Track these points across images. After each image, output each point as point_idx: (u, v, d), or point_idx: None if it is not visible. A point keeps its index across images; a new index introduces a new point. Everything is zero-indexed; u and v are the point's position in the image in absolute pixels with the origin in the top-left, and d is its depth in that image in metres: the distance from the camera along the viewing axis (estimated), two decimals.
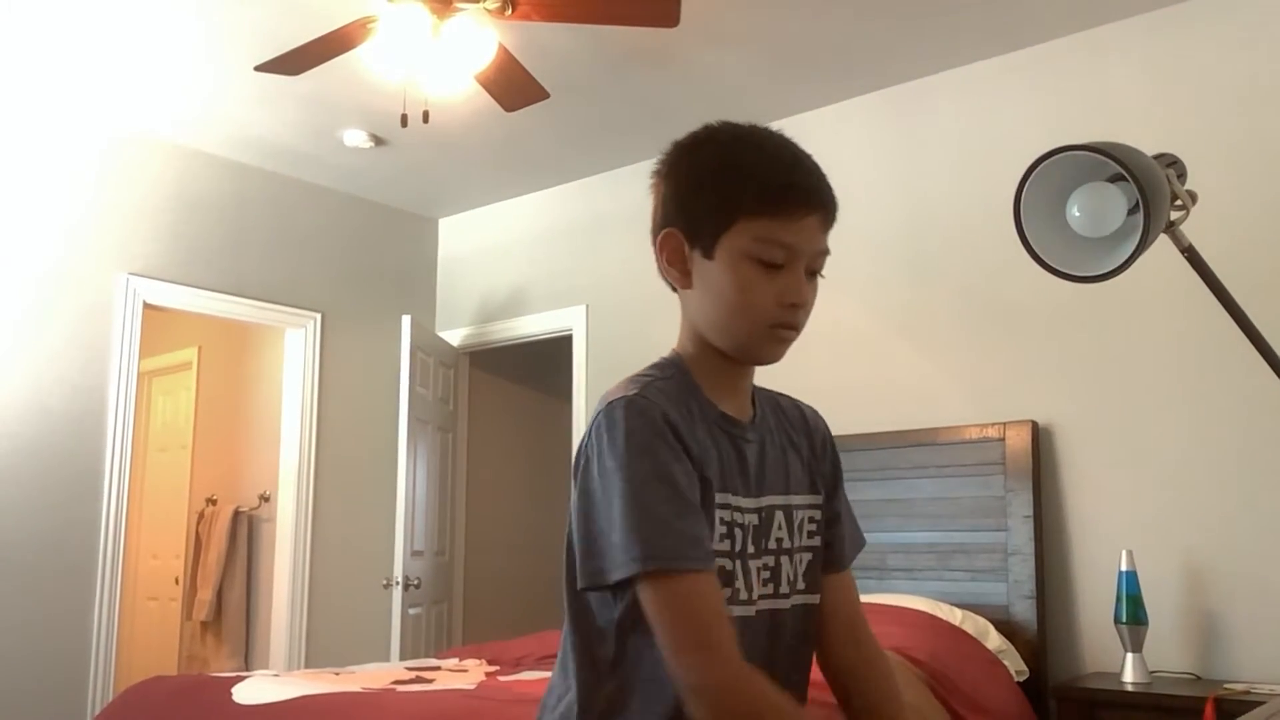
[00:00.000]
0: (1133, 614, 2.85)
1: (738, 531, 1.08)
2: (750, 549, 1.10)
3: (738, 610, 1.07)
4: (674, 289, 1.16)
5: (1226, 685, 2.72)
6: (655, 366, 1.14)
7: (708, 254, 1.08)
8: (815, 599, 1.18)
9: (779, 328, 1.08)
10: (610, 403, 1.04)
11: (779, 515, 1.14)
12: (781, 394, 1.26)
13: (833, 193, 1.10)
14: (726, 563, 1.06)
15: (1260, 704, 1.50)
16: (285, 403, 4.76)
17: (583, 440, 1.06)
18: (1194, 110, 3.15)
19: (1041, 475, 3.26)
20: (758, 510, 1.12)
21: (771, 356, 1.11)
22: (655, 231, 1.15)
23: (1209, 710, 2.49)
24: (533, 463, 5.69)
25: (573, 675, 1.08)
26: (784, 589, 1.13)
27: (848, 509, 1.26)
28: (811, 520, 1.18)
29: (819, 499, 1.20)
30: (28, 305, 3.87)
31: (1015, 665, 2.97)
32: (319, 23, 3.18)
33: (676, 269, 1.12)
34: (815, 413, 1.28)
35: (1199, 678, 2.89)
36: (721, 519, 1.06)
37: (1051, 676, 3.13)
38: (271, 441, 4.89)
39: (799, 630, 1.16)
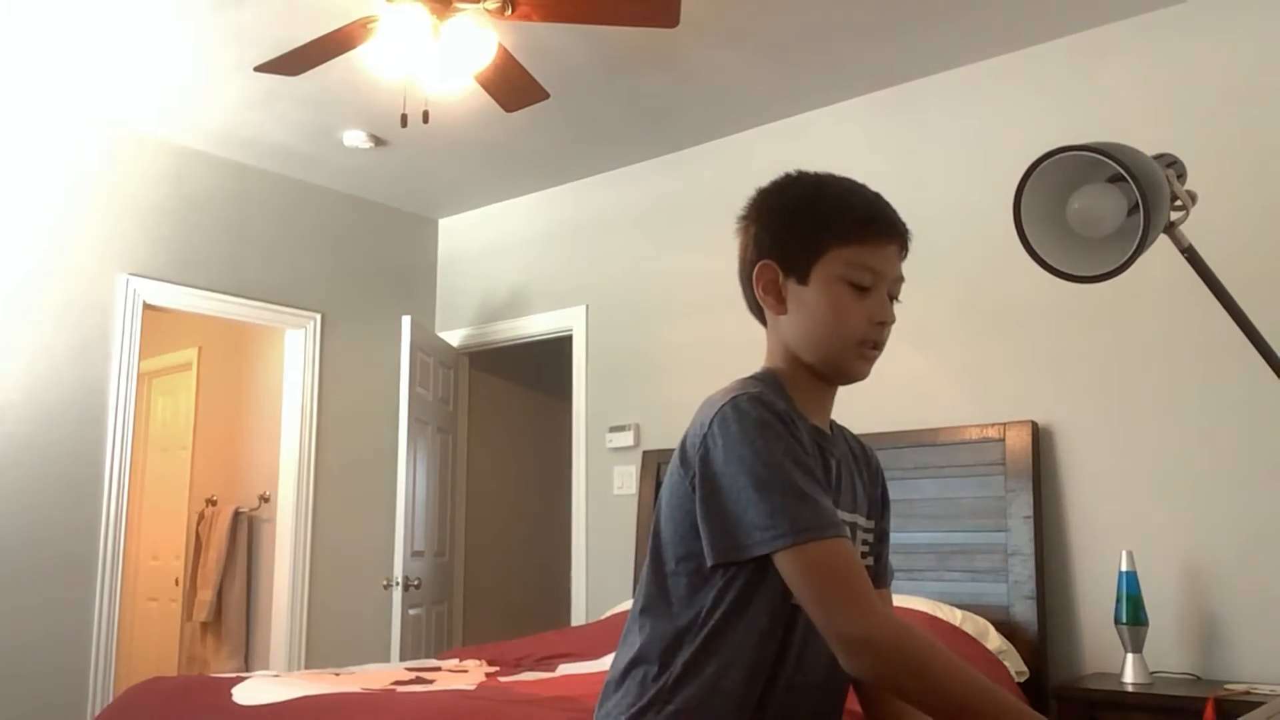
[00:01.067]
0: (1133, 614, 2.85)
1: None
2: None
3: None
4: (761, 320, 1.28)
5: (1227, 686, 2.72)
6: (755, 377, 1.24)
7: (802, 280, 1.21)
8: None
9: (866, 345, 1.20)
10: (734, 397, 1.13)
11: (846, 530, 1.20)
12: (843, 425, 1.37)
13: (906, 225, 1.24)
14: None
15: (1260, 704, 1.50)
16: (285, 403, 4.76)
17: (698, 432, 1.15)
18: (1194, 110, 3.15)
19: (1041, 475, 3.26)
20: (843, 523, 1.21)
21: (860, 373, 1.23)
22: (747, 268, 1.27)
23: (1209, 711, 2.49)
24: (533, 463, 5.69)
25: (649, 642, 1.17)
26: None
27: (887, 537, 1.37)
28: (866, 542, 1.29)
29: (872, 522, 1.32)
30: (28, 305, 3.87)
31: (1015, 666, 2.97)
32: (319, 23, 3.18)
33: (772, 297, 1.24)
34: (869, 445, 1.39)
35: (1199, 678, 2.89)
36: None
37: (1052, 677, 3.13)
38: (271, 442, 4.89)
39: None
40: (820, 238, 1.20)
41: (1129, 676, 2.81)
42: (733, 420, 1.11)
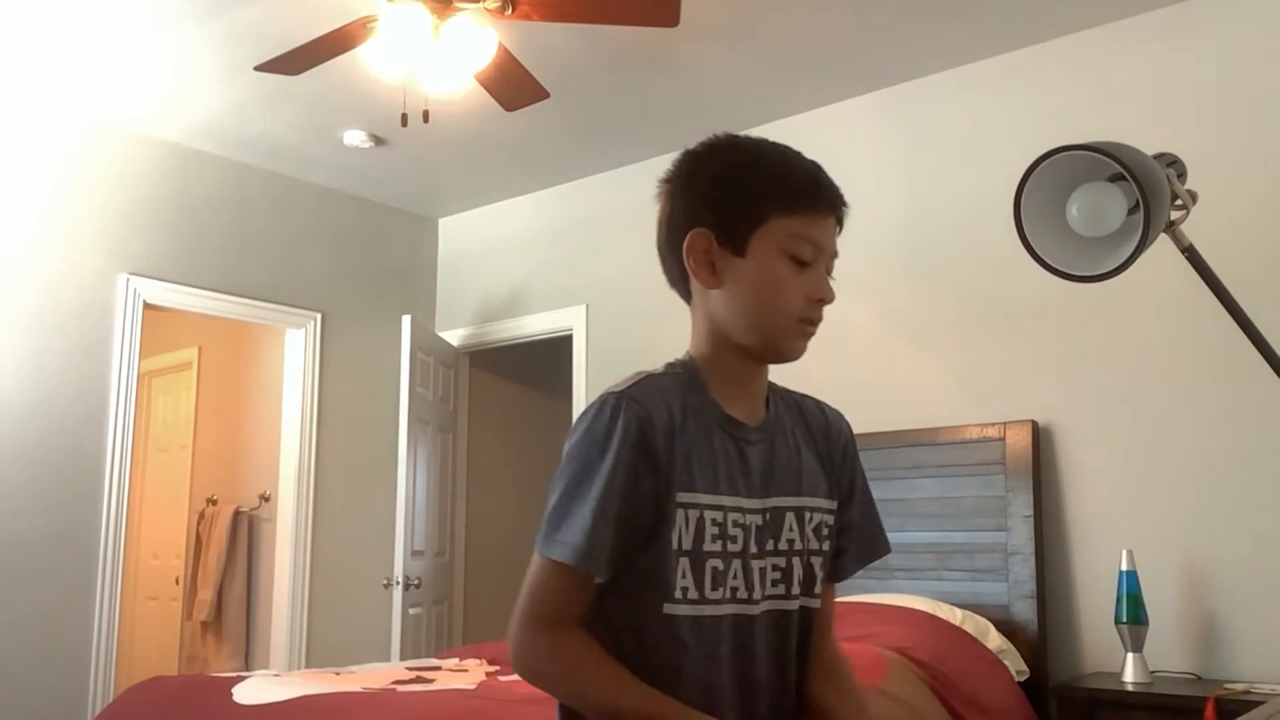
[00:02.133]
0: (1133, 614, 2.85)
1: (737, 531, 1.10)
2: (754, 549, 1.12)
3: (735, 609, 1.11)
4: (685, 297, 1.20)
5: (1227, 685, 2.72)
6: (666, 365, 1.17)
7: (739, 252, 1.12)
8: (817, 603, 1.20)
9: (805, 323, 1.13)
10: (607, 394, 1.09)
11: (789, 516, 1.16)
12: (807, 396, 1.27)
13: (844, 197, 1.17)
14: (718, 562, 1.09)
15: (1260, 704, 1.50)
16: (285, 403, 4.76)
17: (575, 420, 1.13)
18: (1194, 110, 3.15)
19: (1042, 475, 3.26)
20: (763, 511, 1.14)
21: (796, 352, 1.15)
22: (673, 236, 1.17)
23: (1209, 710, 2.49)
24: (533, 463, 5.69)
25: None
26: (794, 590, 1.16)
27: (866, 515, 1.27)
28: (826, 524, 1.20)
29: (835, 504, 1.22)
30: (28, 305, 3.87)
31: (1015, 665, 2.97)
32: (319, 22, 3.18)
33: (704, 269, 1.14)
34: (839, 416, 1.29)
35: (1199, 678, 2.89)
36: (714, 519, 1.09)
37: (1052, 676, 3.13)
38: (272, 441, 4.89)
39: (804, 632, 1.18)
40: (761, 206, 1.11)
41: (1129, 676, 2.81)
42: (592, 419, 1.08)
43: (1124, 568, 2.90)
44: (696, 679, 1.08)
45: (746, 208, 1.12)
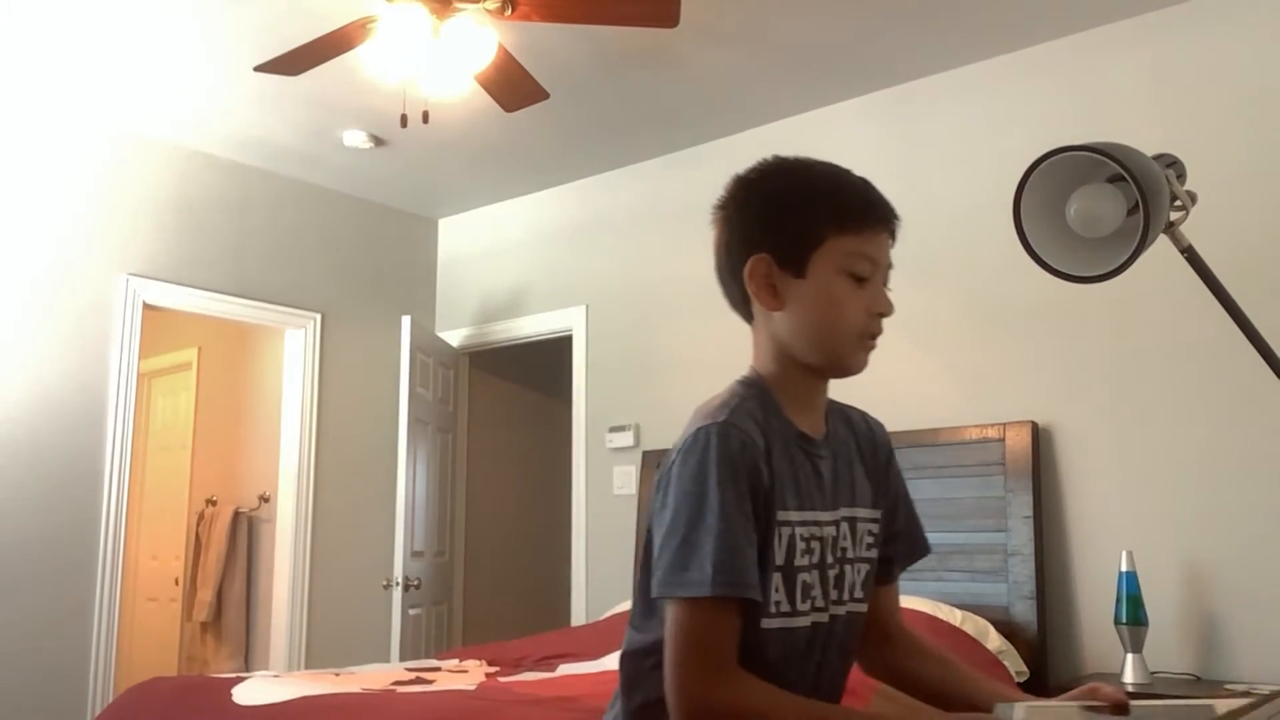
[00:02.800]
0: (1133, 614, 2.85)
1: (816, 545, 1.14)
2: (829, 559, 1.16)
3: (814, 618, 1.14)
4: (745, 316, 1.22)
5: (1227, 686, 2.72)
6: (741, 384, 1.19)
7: (799, 273, 1.15)
8: (864, 608, 1.24)
9: (867, 337, 1.16)
10: (700, 429, 1.09)
11: (844, 526, 1.20)
12: (851, 407, 1.32)
13: (896, 210, 1.20)
14: (808, 575, 1.13)
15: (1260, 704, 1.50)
16: (285, 403, 4.76)
17: (673, 453, 1.11)
18: (1194, 110, 3.15)
19: (1041, 476, 3.26)
20: (835, 522, 1.18)
21: (860, 365, 1.17)
22: (733, 261, 1.19)
23: None
24: (533, 463, 5.69)
25: (627, 649, 1.17)
26: (845, 596, 1.19)
27: (910, 519, 1.32)
28: (870, 533, 1.23)
29: (879, 513, 1.25)
30: (28, 305, 3.87)
31: (1015, 666, 2.97)
32: (319, 23, 3.18)
33: (766, 293, 1.16)
34: (880, 425, 1.34)
35: (1199, 678, 2.89)
36: (802, 535, 1.12)
37: (1052, 677, 3.13)
38: (271, 442, 4.88)
39: (850, 636, 1.22)
40: (817, 228, 1.14)
41: (1129, 677, 2.81)
42: (691, 454, 1.07)
43: (1124, 568, 2.90)
44: (780, 682, 1.10)
45: (803, 230, 1.15)
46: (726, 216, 1.22)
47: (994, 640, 2.98)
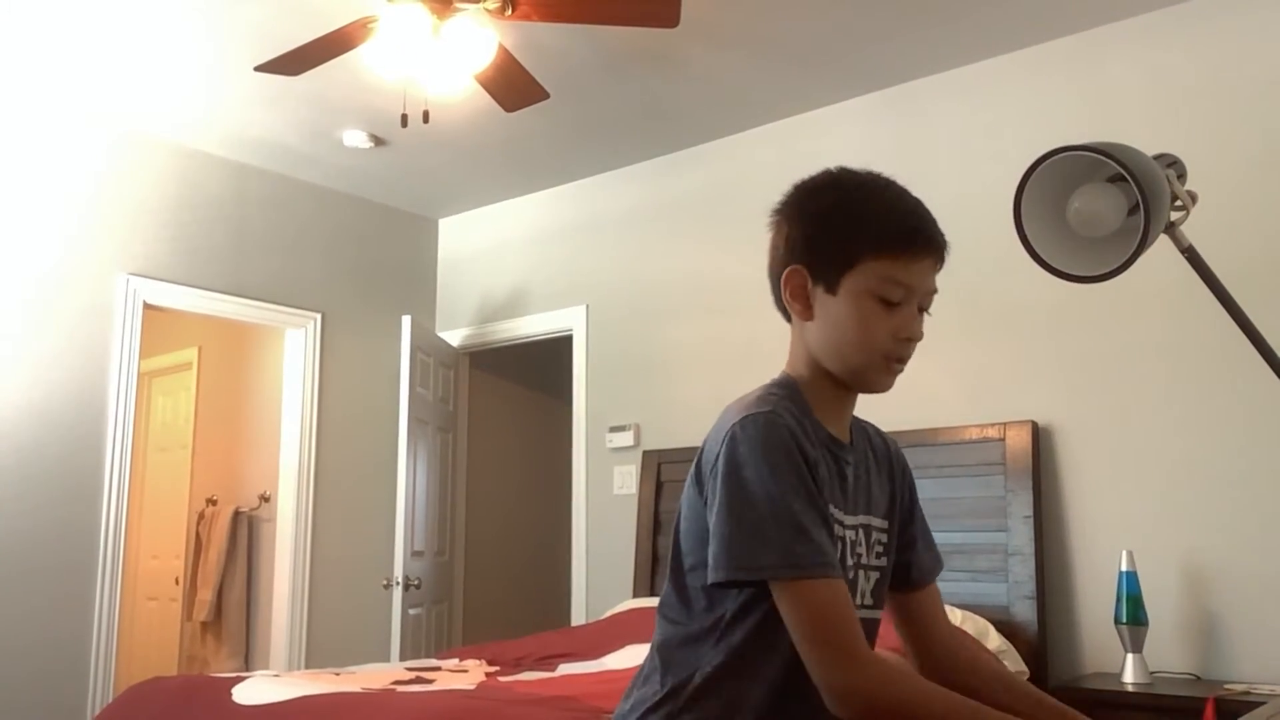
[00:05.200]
0: (1133, 614, 2.85)
1: (837, 543, 1.16)
2: (848, 560, 1.20)
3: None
4: (787, 320, 1.26)
5: (1227, 685, 2.72)
6: (774, 385, 1.21)
7: (831, 290, 1.17)
8: (878, 615, 1.27)
9: (891, 360, 1.17)
10: (747, 416, 1.11)
11: (859, 533, 1.23)
12: (868, 422, 1.35)
13: (944, 237, 1.21)
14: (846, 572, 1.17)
15: (1261, 704, 1.50)
16: (285, 403, 4.76)
17: (714, 446, 1.13)
18: (1194, 110, 3.15)
19: (1041, 475, 3.26)
20: (855, 527, 1.21)
21: (882, 385, 1.20)
22: (777, 267, 1.23)
23: (1209, 711, 2.49)
24: (533, 463, 5.69)
25: (664, 642, 1.18)
26: (857, 601, 1.21)
27: (925, 532, 1.36)
28: (880, 543, 1.26)
29: (889, 524, 1.29)
30: (28, 305, 3.87)
31: (1015, 665, 2.97)
32: (319, 23, 3.18)
33: (799, 303, 1.20)
34: (895, 442, 1.37)
35: (1199, 678, 2.89)
36: (837, 533, 1.16)
37: (1052, 677, 3.13)
38: (271, 442, 4.89)
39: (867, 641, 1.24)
40: (852, 249, 1.16)
41: (1129, 676, 2.81)
42: (742, 442, 1.09)
43: (1124, 568, 2.90)
44: (764, 666, 1.13)
45: (839, 250, 1.17)
46: (778, 222, 1.24)
47: (994, 640, 2.98)
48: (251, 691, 2.43)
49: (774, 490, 1.07)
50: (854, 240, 1.16)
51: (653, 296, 4.39)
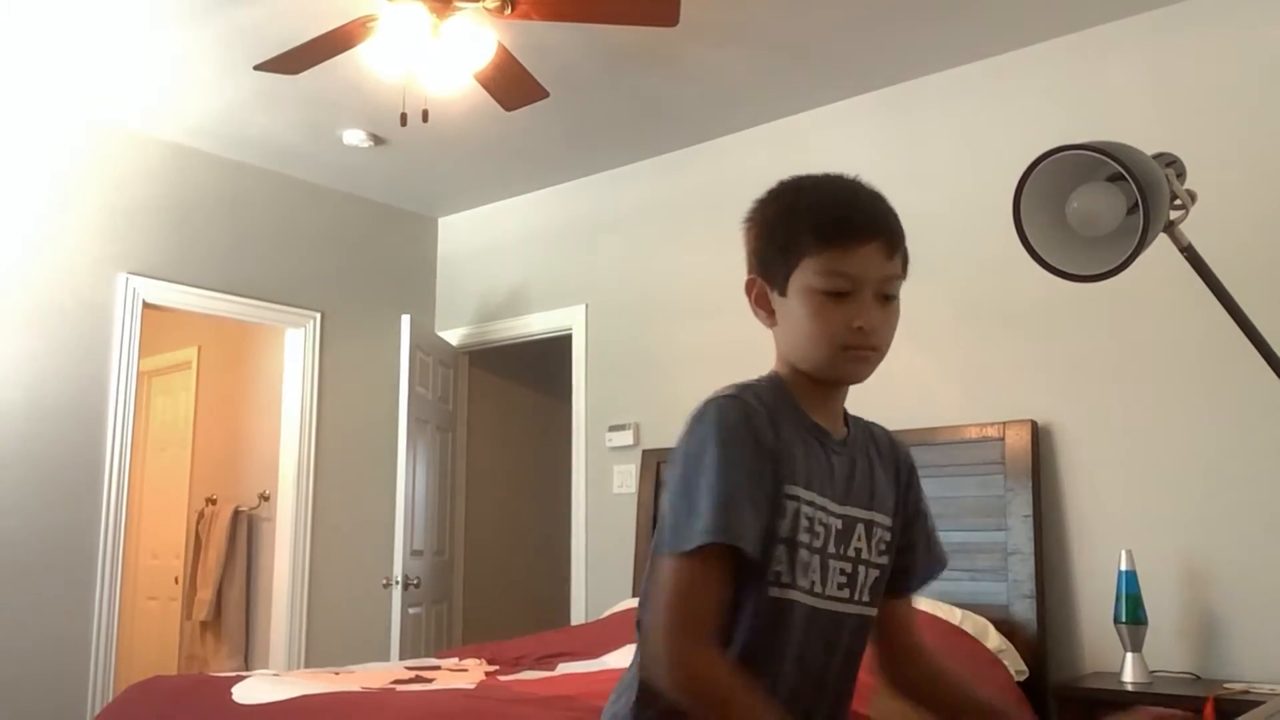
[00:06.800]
0: (1132, 613, 2.85)
1: (820, 529, 1.18)
2: (832, 549, 1.20)
3: (812, 602, 1.18)
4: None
5: (1226, 685, 2.72)
6: (759, 377, 1.25)
7: (783, 293, 1.21)
8: (873, 613, 1.27)
9: (852, 349, 1.18)
10: (712, 398, 1.17)
11: (860, 527, 1.24)
12: (875, 424, 1.37)
13: (891, 220, 1.20)
14: (805, 554, 1.16)
15: (1260, 704, 1.50)
16: (285, 402, 4.76)
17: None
18: (1194, 110, 3.15)
19: (1041, 475, 3.26)
20: (842, 516, 1.22)
21: (854, 375, 1.21)
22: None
23: (1209, 710, 2.49)
24: (532, 462, 5.69)
25: (641, 635, 1.19)
26: (856, 596, 1.23)
27: (930, 533, 1.36)
28: (885, 541, 1.27)
29: (895, 522, 1.30)
30: (27, 305, 3.87)
31: (1015, 665, 2.97)
32: (319, 22, 3.18)
33: (763, 310, 1.25)
34: (904, 444, 1.38)
35: (1199, 677, 2.89)
36: (806, 514, 1.16)
37: (1051, 676, 3.13)
38: (271, 441, 4.88)
39: (856, 637, 1.25)
40: (793, 249, 1.19)
41: (1128, 676, 2.81)
42: (697, 421, 1.14)
43: (1123, 567, 2.90)
44: (772, 661, 1.15)
45: (781, 254, 1.20)
46: (744, 236, 1.29)
47: (993, 639, 2.98)
48: (251, 691, 2.43)
49: (708, 466, 1.10)
50: (793, 240, 1.19)
51: (652, 295, 4.39)
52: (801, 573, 1.15)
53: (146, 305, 4.22)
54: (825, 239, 1.17)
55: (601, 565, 4.39)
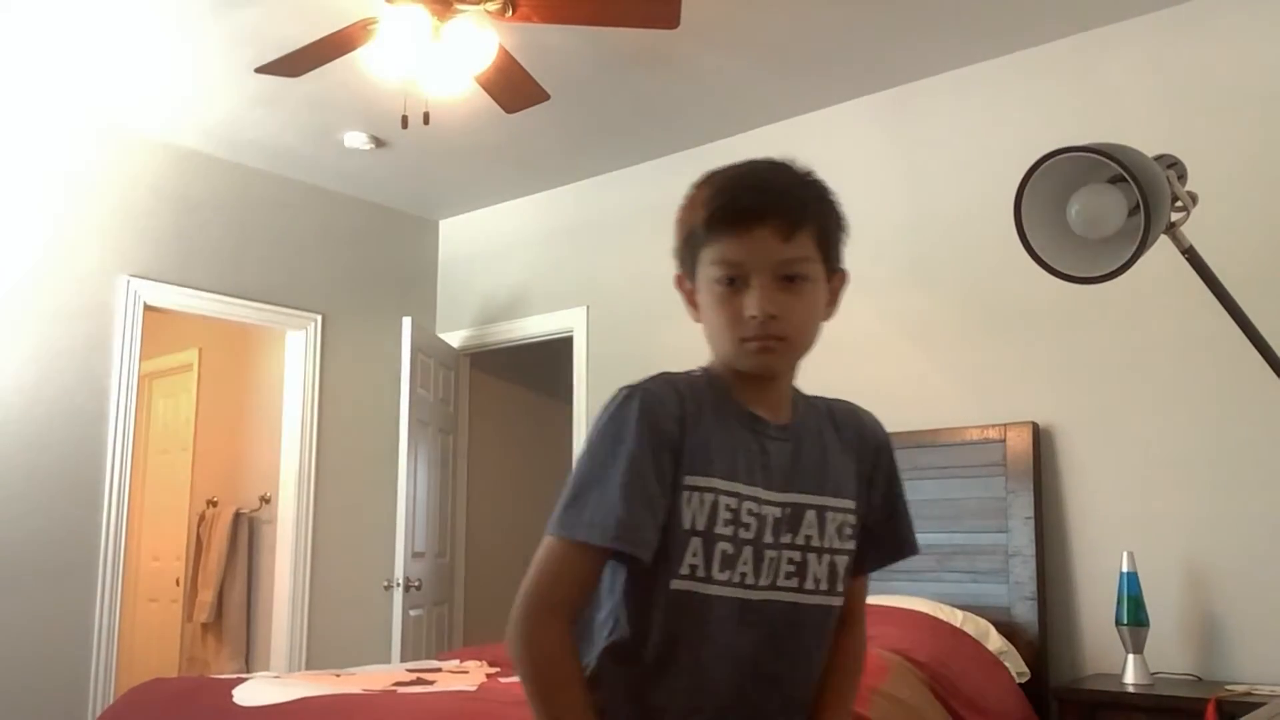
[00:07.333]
0: (1134, 615, 2.84)
1: (751, 519, 1.14)
2: (768, 539, 1.16)
3: (741, 594, 1.14)
4: None
5: (1228, 686, 2.72)
6: (697, 366, 1.25)
7: (695, 286, 1.20)
8: (837, 601, 1.22)
9: (750, 340, 1.14)
10: (621, 388, 1.15)
11: (810, 514, 1.19)
12: (841, 400, 1.32)
13: (790, 200, 1.15)
14: (728, 546, 1.13)
15: (1261, 705, 1.50)
16: (286, 404, 4.76)
17: None
18: (1194, 111, 3.15)
19: (1042, 476, 3.26)
20: (783, 505, 1.17)
21: (757, 367, 1.17)
22: None
23: (1210, 712, 2.49)
24: (533, 464, 5.69)
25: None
26: (809, 585, 1.18)
27: (898, 514, 1.30)
28: (846, 525, 1.22)
29: (855, 504, 1.24)
30: (28, 307, 3.87)
31: (1016, 667, 2.97)
32: (320, 24, 3.18)
33: (689, 305, 1.24)
34: (874, 419, 1.33)
35: (1200, 679, 2.89)
36: (728, 505, 1.13)
37: (1053, 678, 3.13)
38: (272, 443, 4.89)
39: (818, 629, 1.21)
40: (694, 242, 1.18)
41: (1130, 677, 2.81)
42: (604, 411, 1.15)
43: (1124, 569, 2.90)
44: (693, 656, 1.13)
45: (687, 246, 1.19)
46: None
47: (995, 641, 2.98)
48: (252, 693, 2.43)
49: (598, 455, 1.12)
50: (693, 232, 1.17)
51: (653, 298, 4.39)
52: (722, 565, 1.12)
53: (148, 307, 4.22)
54: (717, 226, 1.14)
55: None
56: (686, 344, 4.71)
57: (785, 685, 1.19)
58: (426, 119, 3.16)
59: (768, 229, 1.13)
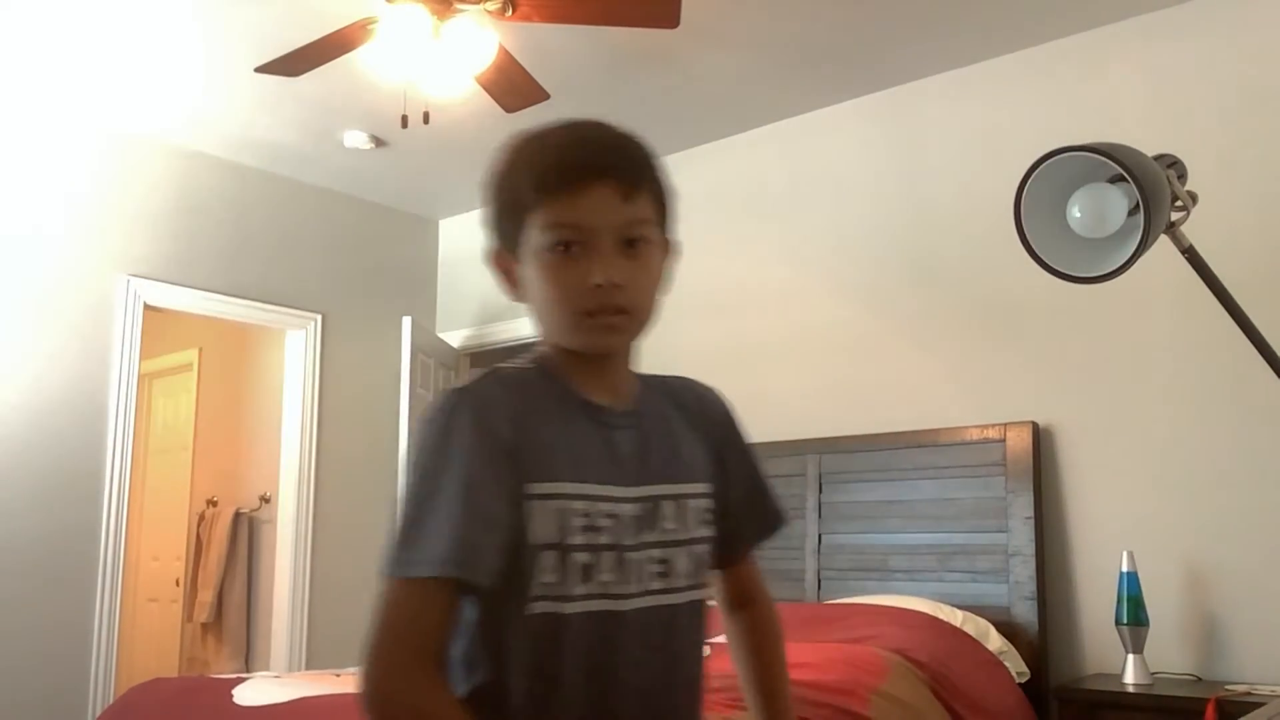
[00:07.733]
0: (1134, 615, 2.84)
1: (606, 521, 1.03)
2: (629, 541, 1.04)
3: (606, 605, 1.03)
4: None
5: (1228, 686, 2.72)
6: (521, 357, 1.12)
7: (519, 259, 1.07)
8: (705, 593, 1.13)
9: (595, 314, 1.02)
10: (440, 395, 1.02)
11: (667, 506, 1.08)
12: (675, 377, 1.21)
13: (627, 156, 1.05)
14: (586, 556, 1.01)
15: (1261, 705, 1.50)
16: (286, 404, 4.76)
17: None
18: (1194, 111, 3.14)
19: (1042, 476, 3.25)
20: (639, 500, 1.06)
21: (600, 346, 1.06)
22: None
23: (1210, 711, 2.49)
24: None
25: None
26: (679, 583, 1.08)
27: (756, 488, 1.21)
28: (704, 510, 1.12)
29: (710, 487, 1.14)
30: (28, 307, 3.87)
31: (1016, 667, 2.97)
32: (320, 24, 3.18)
33: (507, 282, 1.11)
34: (712, 393, 1.21)
35: (1200, 679, 2.89)
36: (578, 510, 1.01)
37: (1052, 678, 3.13)
38: (272, 443, 4.88)
39: (694, 625, 1.11)
40: (517, 208, 1.04)
41: (1130, 677, 2.81)
42: (427, 425, 1.00)
43: (1124, 569, 2.90)
44: (562, 687, 1.01)
45: (507, 213, 1.07)
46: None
47: (995, 641, 2.98)
48: (252, 693, 2.43)
49: (425, 480, 0.97)
50: (516, 196, 1.04)
51: None
52: (580, 579, 1.00)
53: (148, 307, 4.22)
54: (543, 187, 1.01)
55: None
56: (687, 343, 4.71)
57: (647, 692, 1.05)
58: (426, 119, 3.16)
59: (608, 187, 1.01)
